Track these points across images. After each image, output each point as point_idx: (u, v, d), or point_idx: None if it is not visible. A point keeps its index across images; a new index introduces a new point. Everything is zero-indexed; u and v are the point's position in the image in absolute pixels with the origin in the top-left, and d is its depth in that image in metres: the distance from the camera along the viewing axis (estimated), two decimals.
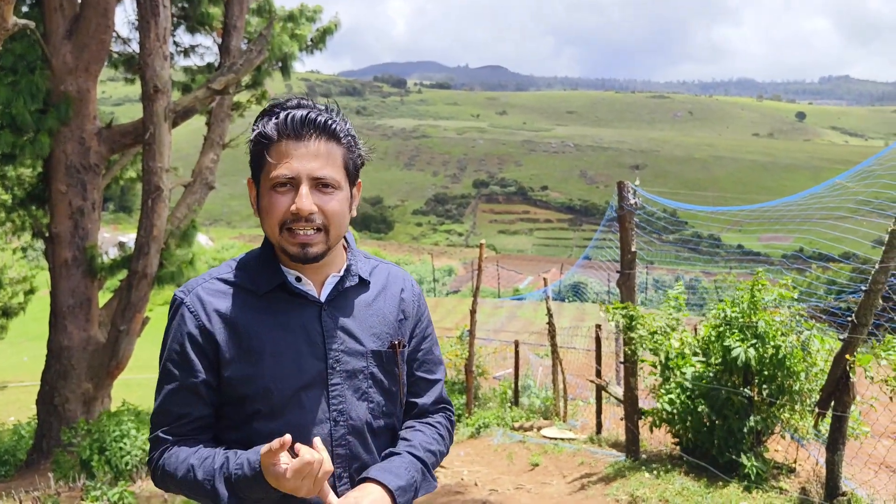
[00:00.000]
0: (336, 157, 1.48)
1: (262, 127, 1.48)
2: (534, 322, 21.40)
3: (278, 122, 1.46)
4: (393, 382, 1.59)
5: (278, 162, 1.45)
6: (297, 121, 1.45)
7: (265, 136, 1.47)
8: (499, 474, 7.03)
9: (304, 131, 1.45)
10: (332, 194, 1.47)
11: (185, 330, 1.50)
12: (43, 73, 8.50)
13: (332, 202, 1.47)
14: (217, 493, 1.41)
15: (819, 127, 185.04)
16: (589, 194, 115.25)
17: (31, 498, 6.00)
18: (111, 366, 8.75)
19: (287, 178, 1.44)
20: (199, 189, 10.03)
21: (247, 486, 1.38)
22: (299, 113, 1.46)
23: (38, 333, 15.24)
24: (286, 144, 1.45)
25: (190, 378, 1.49)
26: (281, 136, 1.45)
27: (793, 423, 5.32)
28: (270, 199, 1.47)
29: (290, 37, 10.65)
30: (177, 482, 1.46)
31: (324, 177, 1.45)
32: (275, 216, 1.46)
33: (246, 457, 1.40)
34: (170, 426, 1.51)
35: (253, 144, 1.50)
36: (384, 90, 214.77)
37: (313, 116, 1.46)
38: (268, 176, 1.47)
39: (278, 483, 1.34)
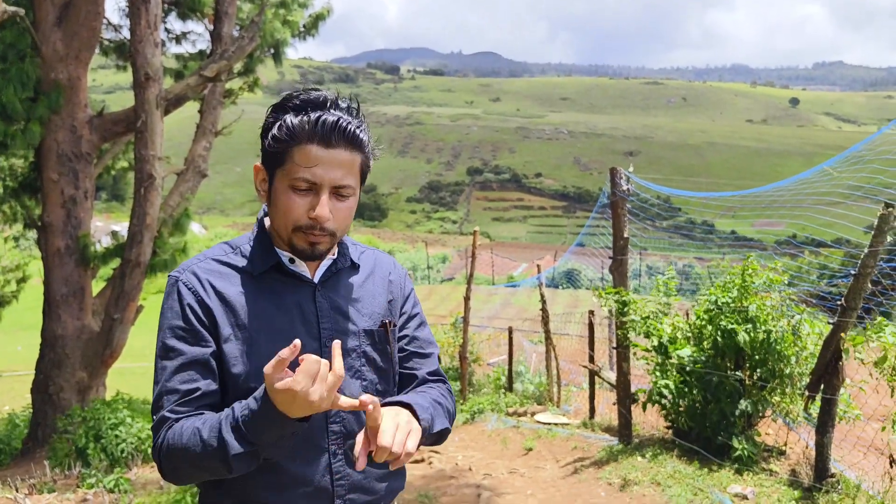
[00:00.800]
0: (356, 165, 1.51)
1: (289, 122, 1.46)
2: (528, 309, 21.46)
3: (308, 123, 1.44)
4: (385, 360, 1.61)
5: (303, 165, 1.45)
6: (329, 126, 1.44)
7: (292, 135, 1.45)
8: (493, 459, 7.09)
9: (332, 138, 1.45)
10: (345, 201, 1.50)
11: (185, 302, 1.49)
12: (33, 61, 8.43)
13: (345, 209, 1.51)
14: (226, 446, 1.33)
15: (812, 113, 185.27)
16: (583, 181, 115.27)
17: (27, 486, 6.03)
18: (105, 354, 8.75)
19: (310, 182, 1.45)
20: (191, 177, 9.99)
21: (257, 424, 1.31)
22: (331, 119, 1.44)
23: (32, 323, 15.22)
24: (314, 149, 1.44)
25: (198, 349, 1.47)
26: (310, 139, 1.45)
27: (783, 407, 5.38)
28: (288, 199, 1.47)
29: (283, 23, 10.58)
30: (182, 452, 1.38)
31: (344, 186, 1.48)
32: (291, 216, 1.48)
33: (250, 396, 1.35)
34: (176, 404, 1.45)
35: (275, 136, 1.48)
36: (377, 77, 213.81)
37: (344, 125, 1.45)
38: (288, 174, 1.47)
39: (290, 400, 1.26)
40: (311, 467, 1.50)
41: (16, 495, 5.47)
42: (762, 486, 4.82)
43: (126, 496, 5.61)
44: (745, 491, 4.72)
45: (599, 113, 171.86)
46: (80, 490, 5.94)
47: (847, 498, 4.34)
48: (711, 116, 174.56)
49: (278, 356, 1.25)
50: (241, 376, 1.48)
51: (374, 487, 1.58)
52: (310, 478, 1.49)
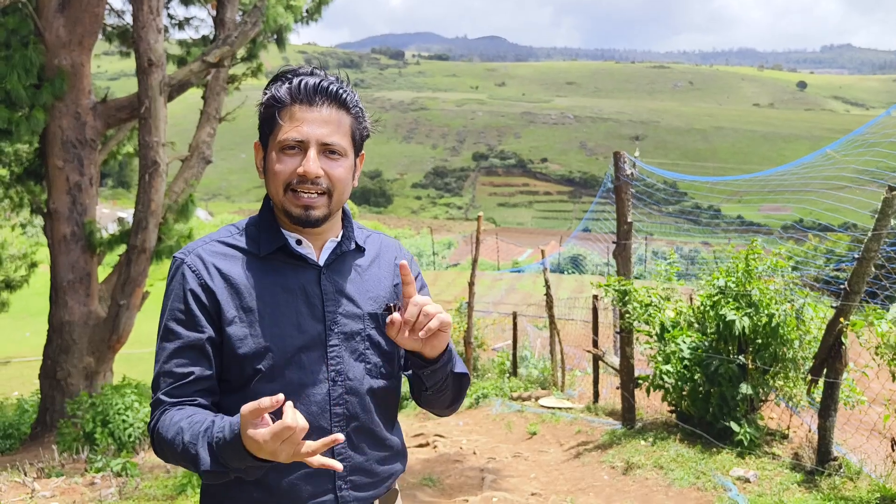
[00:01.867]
0: (344, 126, 1.53)
1: (274, 91, 1.52)
2: (532, 294, 21.48)
3: (291, 86, 1.50)
4: (390, 344, 1.62)
5: (289, 125, 1.49)
6: (310, 87, 1.50)
7: (277, 100, 1.51)
8: (497, 443, 7.12)
9: (316, 98, 1.50)
10: (338, 161, 1.52)
11: (187, 287, 1.51)
12: (36, 48, 8.43)
13: (338, 168, 1.52)
14: (198, 458, 1.36)
15: (820, 96, 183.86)
16: (588, 166, 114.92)
17: (36, 470, 6.09)
18: (112, 340, 8.81)
19: (296, 140, 1.49)
20: (196, 163, 10.00)
21: (226, 450, 1.34)
22: (312, 80, 1.51)
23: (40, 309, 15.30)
24: (298, 109, 1.50)
25: (195, 334, 1.49)
26: (293, 101, 1.50)
27: (786, 391, 5.38)
28: (278, 160, 1.51)
29: (286, 8, 10.53)
30: (167, 445, 1.43)
31: (332, 143, 1.50)
32: (281, 177, 1.50)
33: (229, 420, 1.36)
34: (171, 387, 1.48)
35: (264, 107, 1.54)
36: (382, 62, 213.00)
37: (325, 84, 1.51)
38: (277, 138, 1.51)
39: (256, 446, 1.27)
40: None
41: (24, 479, 5.53)
42: (765, 469, 4.84)
43: (133, 480, 5.67)
44: (748, 474, 4.74)
45: (605, 97, 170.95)
46: (87, 474, 6.00)
47: (849, 481, 4.35)
48: (718, 100, 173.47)
49: (257, 404, 1.24)
50: (247, 357, 1.49)
51: (376, 470, 1.60)
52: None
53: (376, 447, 1.59)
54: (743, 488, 4.60)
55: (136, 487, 5.49)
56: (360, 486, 1.56)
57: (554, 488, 5.40)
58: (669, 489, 4.82)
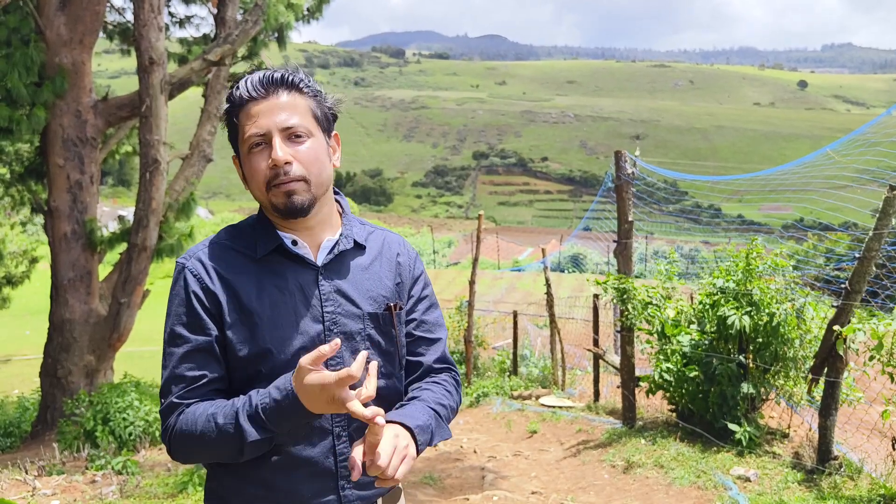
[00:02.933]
0: (302, 107, 1.54)
1: (229, 95, 1.56)
2: (533, 293, 21.48)
3: (241, 88, 1.53)
4: (390, 344, 1.61)
5: (248, 123, 1.51)
6: (258, 81, 1.52)
7: (233, 103, 1.54)
8: (497, 441, 7.13)
9: (265, 89, 1.52)
10: (303, 142, 1.52)
11: (190, 290, 1.52)
12: (37, 46, 8.43)
13: (308, 151, 1.52)
14: (243, 432, 1.39)
15: (821, 95, 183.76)
16: (589, 165, 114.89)
17: (37, 468, 6.10)
18: (112, 338, 8.82)
19: (258, 135, 1.50)
20: (196, 162, 10.00)
21: (278, 413, 1.37)
22: (258, 74, 1.53)
23: (40, 307, 15.31)
24: (253, 105, 1.51)
25: (202, 337, 1.50)
26: (247, 100, 1.52)
27: (787, 390, 5.38)
28: (250, 162, 1.52)
29: (287, 6, 10.52)
30: (196, 438, 1.43)
31: (292, 125, 1.51)
32: (258, 176, 1.51)
33: (269, 387, 1.40)
34: (184, 391, 1.49)
35: (226, 116, 1.57)
36: (382, 61, 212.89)
37: (272, 74, 1.54)
38: (242, 140, 1.53)
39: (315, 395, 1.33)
40: (315, 449, 1.51)
41: (25, 477, 5.54)
42: (765, 468, 4.84)
43: (134, 478, 5.67)
44: (748, 473, 4.74)
45: (606, 96, 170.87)
46: (88, 472, 6.01)
47: (850, 480, 4.35)
48: (719, 100, 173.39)
49: (319, 351, 1.32)
50: (247, 360, 1.49)
51: None
52: (314, 459, 1.51)
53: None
54: (743, 487, 4.60)
55: (137, 485, 5.49)
56: (363, 486, 1.56)
57: (554, 487, 5.41)
58: (670, 488, 4.83)
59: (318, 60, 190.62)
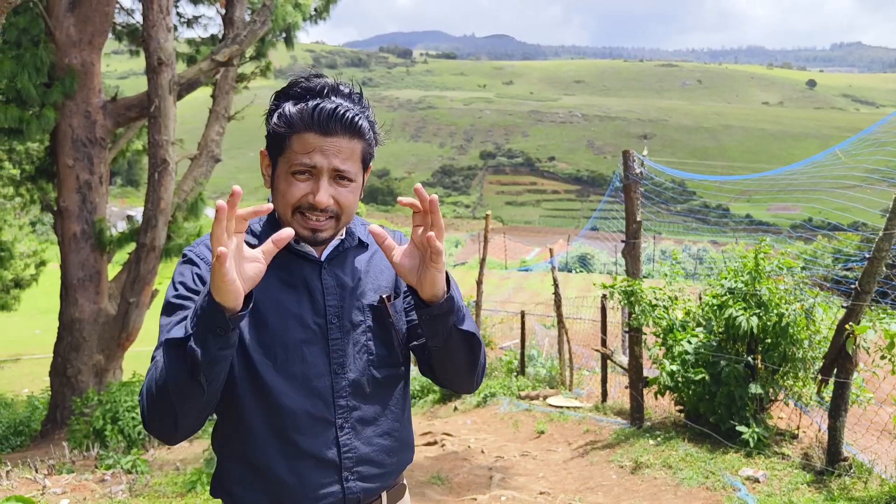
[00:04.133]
0: (356, 152, 1.52)
1: (287, 111, 1.48)
2: (540, 293, 21.46)
3: (304, 112, 1.46)
4: (391, 335, 1.63)
5: (302, 152, 1.47)
6: (326, 115, 1.45)
7: (289, 123, 1.47)
8: (505, 441, 7.12)
9: (330, 126, 1.46)
10: (347, 186, 1.51)
11: (195, 272, 1.51)
12: (47, 47, 8.48)
13: (348, 194, 1.52)
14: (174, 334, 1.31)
15: (830, 95, 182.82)
16: (596, 165, 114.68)
17: (47, 466, 6.13)
18: (121, 337, 8.86)
19: (308, 167, 1.47)
20: (205, 162, 10.04)
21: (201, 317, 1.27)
22: (328, 107, 1.46)
23: (50, 307, 15.39)
24: (312, 137, 1.46)
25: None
26: (308, 128, 1.46)
27: (796, 391, 5.36)
28: (288, 184, 1.49)
29: (294, 7, 10.56)
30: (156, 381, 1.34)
31: (344, 171, 1.49)
32: (290, 200, 1.49)
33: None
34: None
35: (275, 125, 1.50)
36: (390, 61, 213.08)
37: (341, 113, 1.46)
38: (288, 161, 1.49)
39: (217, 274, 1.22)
40: (318, 440, 1.52)
41: (35, 476, 5.57)
42: (774, 469, 4.82)
43: (143, 477, 5.70)
44: (757, 474, 4.72)
45: (613, 96, 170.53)
46: (98, 471, 6.03)
47: (859, 481, 4.33)
48: (727, 99, 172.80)
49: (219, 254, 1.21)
50: (249, 352, 1.50)
51: (383, 461, 1.61)
52: (317, 450, 1.52)
53: (382, 438, 1.60)
54: (752, 488, 4.59)
55: (146, 484, 5.51)
56: (367, 478, 1.57)
57: (562, 487, 5.40)
58: (678, 489, 4.81)
59: (325, 61, 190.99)
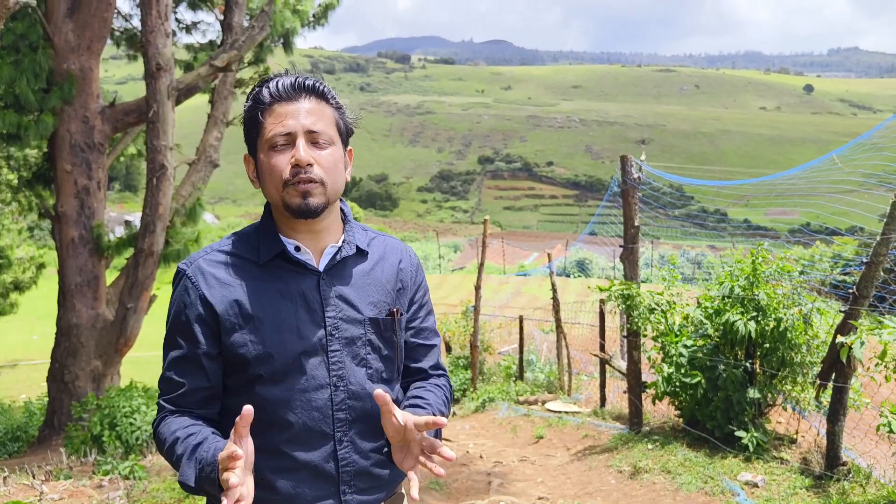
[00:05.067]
0: (327, 115, 1.56)
1: (255, 93, 1.58)
2: (538, 298, 21.45)
3: (270, 88, 1.55)
4: (391, 349, 1.63)
5: (274, 122, 1.53)
6: (288, 84, 1.55)
7: (259, 101, 1.55)
8: (504, 447, 7.12)
9: (294, 92, 1.54)
10: (326, 149, 1.54)
11: (187, 300, 1.54)
12: (45, 52, 8.48)
13: (329, 157, 1.54)
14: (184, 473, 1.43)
15: (827, 100, 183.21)
16: (594, 169, 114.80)
17: (44, 472, 6.11)
18: (119, 343, 8.84)
19: (283, 134, 1.51)
20: (203, 167, 10.04)
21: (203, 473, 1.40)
22: (289, 78, 1.56)
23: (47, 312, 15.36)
24: (279, 105, 1.53)
25: (191, 348, 1.53)
26: (274, 100, 1.54)
27: (794, 395, 5.36)
28: (269, 159, 1.53)
29: (293, 12, 10.58)
30: (166, 452, 1.51)
31: (318, 130, 1.53)
32: (276, 173, 1.52)
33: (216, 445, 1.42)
34: (170, 395, 1.56)
35: (247, 113, 1.58)
36: (388, 66, 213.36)
37: (302, 80, 1.56)
38: (265, 138, 1.54)
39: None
40: (316, 453, 1.52)
41: (33, 482, 5.55)
42: (773, 474, 4.82)
43: (141, 483, 5.68)
44: (756, 479, 4.72)
45: (611, 101, 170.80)
46: (95, 477, 6.01)
47: (858, 486, 4.33)
48: (724, 104, 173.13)
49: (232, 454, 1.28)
50: (249, 364, 1.51)
51: (379, 473, 1.60)
52: (315, 463, 1.52)
53: (379, 451, 1.59)
54: (751, 493, 4.58)
55: (144, 490, 5.49)
56: (363, 490, 1.58)
57: (561, 492, 5.39)
58: (677, 493, 4.81)
59: (323, 66, 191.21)
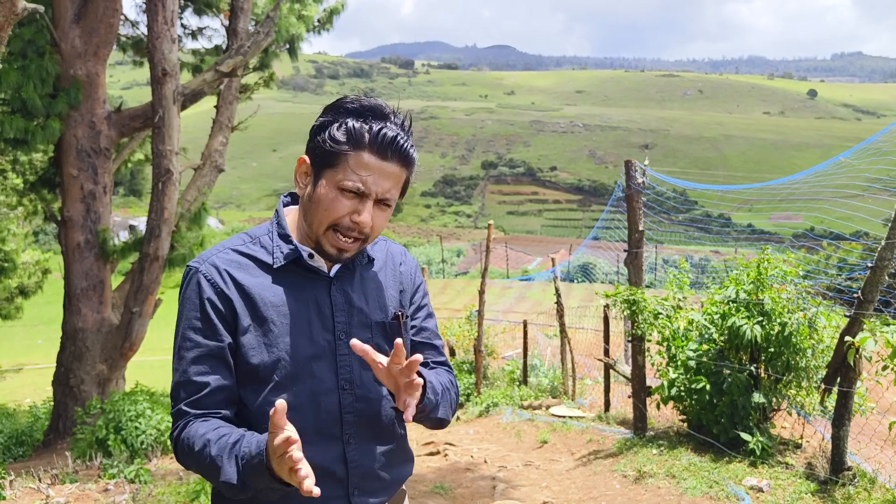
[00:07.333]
0: (401, 180, 1.56)
1: (351, 126, 1.50)
2: (542, 302, 21.44)
3: (370, 132, 1.49)
4: None
5: (356, 171, 1.49)
6: (387, 140, 1.49)
7: (353, 141, 1.50)
8: (508, 452, 7.11)
9: (388, 151, 1.50)
10: (385, 211, 1.55)
11: (204, 296, 1.52)
12: (52, 58, 8.54)
13: (384, 218, 1.56)
14: (223, 472, 1.39)
15: (831, 105, 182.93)
16: (598, 174, 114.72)
17: (50, 476, 6.13)
18: (124, 347, 8.86)
19: (359, 188, 1.49)
20: (208, 172, 10.08)
21: (250, 467, 1.35)
22: (390, 133, 1.50)
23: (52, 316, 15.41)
24: (369, 158, 1.49)
25: (213, 342, 1.50)
26: (368, 149, 1.49)
27: (799, 400, 5.36)
28: (334, 199, 1.50)
29: (298, 18, 10.62)
30: (194, 457, 1.45)
31: (389, 199, 1.53)
32: (332, 215, 1.50)
33: (257, 438, 1.38)
34: (192, 398, 1.50)
35: (334, 138, 1.51)
36: (392, 71, 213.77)
37: (401, 142, 1.51)
38: (339, 177, 1.49)
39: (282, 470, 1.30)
40: (326, 455, 1.53)
41: (39, 485, 5.57)
42: (778, 478, 4.81)
43: (146, 486, 5.69)
44: (761, 484, 4.71)
45: (615, 106, 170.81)
46: (101, 480, 6.03)
47: (863, 491, 4.32)
48: (728, 109, 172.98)
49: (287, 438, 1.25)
50: (259, 367, 1.51)
51: (386, 475, 1.63)
52: (325, 466, 1.53)
53: (387, 453, 1.62)
54: (756, 498, 4.58)
55: (150, 494, 5.51)
56: (371, 492, 1.60)
57: (565, 497, 5.39)
58: (682, 498, 4.80)
59: (328, 71, 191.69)
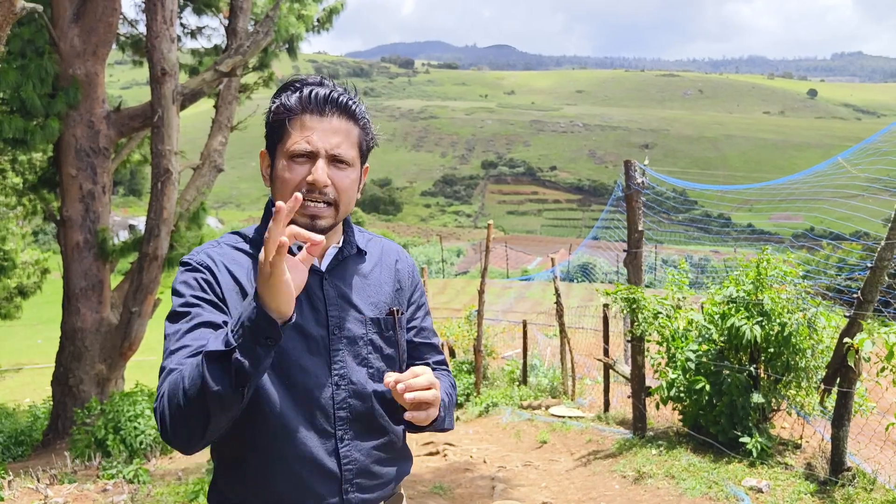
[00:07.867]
0: (353, 136, 1.55)
1: (284, 99, 1.53)
2: (542, 302, 21.44)
3: (302, 96, 1.51)
4: (392, 348, 1.64)
5: (299, 134, 1.50)
6: (321, 97, 1.51)
7: (287, 108, 1.52)
8: (507, 452, 7.11)
9: (326, 108, 1.51)
10: (345, 171, 1.53)
11: (200, 277, 1.51)
12: (51, 57, 8.53)
13: (346, 179, 1.53)
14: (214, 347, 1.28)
15: (831, 104, 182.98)
16: (598, 174, 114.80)
17: (49, 476, 6.12)
18: (124, 347, 8.86)
19: (306, 150, 1.49)
20: (207, 171, 10.07)
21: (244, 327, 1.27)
22: (323, 90, 1.52)
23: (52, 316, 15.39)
24: (308, 118, 1.51)
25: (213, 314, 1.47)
26: (304, 110, 1.51)
27: (799, 400, 5.35)
28: (287, 169, 1.51)
29: (297, 17, 10.62)
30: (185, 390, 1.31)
31: (340, 154, 1.51)
32: (290, 185, 1.51)
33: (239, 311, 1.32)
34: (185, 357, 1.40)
35: (273, 115, 1.55)
36: (392, 71, 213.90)
37: (335, 95, 1.52)
38: (286, 146, 1.52)
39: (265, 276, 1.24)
40: (319, 451, 1.52)
41: (37, 485, 5.56)
42: (777, 479, 4.81)
43: (145, 487, 5.69)
44: (760, 484, 4.71)
45: (615, 105, 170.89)
46: (100, 480, 6.03)
47: (863, 491, 4.31)
48: (728, 109, 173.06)
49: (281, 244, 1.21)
50: None
51: (381, 472, 1.61)
52: (318, 462, 1.52)
53: (381, 450, 1.61)
54: (755, 498, 4.57)
55: (148, 494, 5.50)
56: (365, 489, 1.58)
57: (564, 497, 5.39)
58: (681, 499, 4.80)
59: (327, 70, 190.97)
